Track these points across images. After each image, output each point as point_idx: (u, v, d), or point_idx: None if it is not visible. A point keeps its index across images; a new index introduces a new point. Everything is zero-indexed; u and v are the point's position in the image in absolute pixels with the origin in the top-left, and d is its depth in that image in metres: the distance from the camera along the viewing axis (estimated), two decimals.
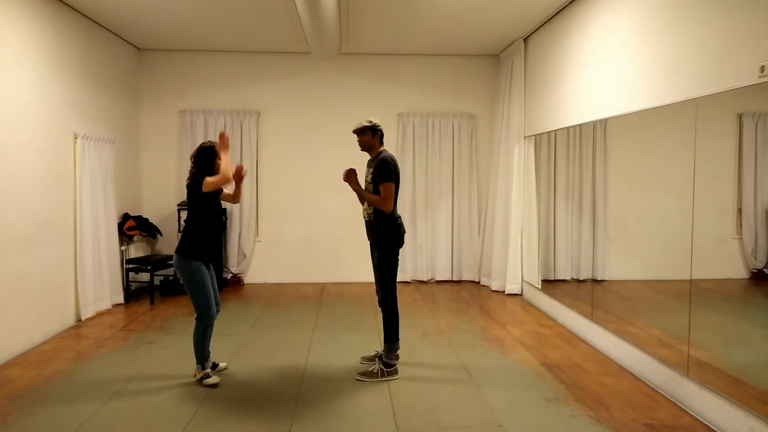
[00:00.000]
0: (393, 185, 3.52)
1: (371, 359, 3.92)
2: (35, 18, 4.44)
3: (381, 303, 3.69)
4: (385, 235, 3.62)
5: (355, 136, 3.70)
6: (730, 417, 2.83)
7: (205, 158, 3.46)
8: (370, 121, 3.60)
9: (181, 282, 6.18)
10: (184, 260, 3.46)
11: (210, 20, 5.43)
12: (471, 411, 3.17)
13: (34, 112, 4.43)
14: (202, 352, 3.55)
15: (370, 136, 3.62)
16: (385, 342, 3.70)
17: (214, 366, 3.73)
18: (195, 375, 3.60)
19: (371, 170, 3.62)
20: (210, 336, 3.57)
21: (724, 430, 2.87)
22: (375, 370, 3.66)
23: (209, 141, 3.55)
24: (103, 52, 5.66)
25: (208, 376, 3.56)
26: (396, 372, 3.68)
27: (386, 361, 3.68)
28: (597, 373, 3.75)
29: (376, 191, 3.56)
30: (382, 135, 3.67)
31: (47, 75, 4.62)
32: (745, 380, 2.95)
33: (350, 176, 3.66)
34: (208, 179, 3.38)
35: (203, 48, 6.56)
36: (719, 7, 2.97)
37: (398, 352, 3.76)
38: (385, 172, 3.51)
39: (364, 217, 3.73)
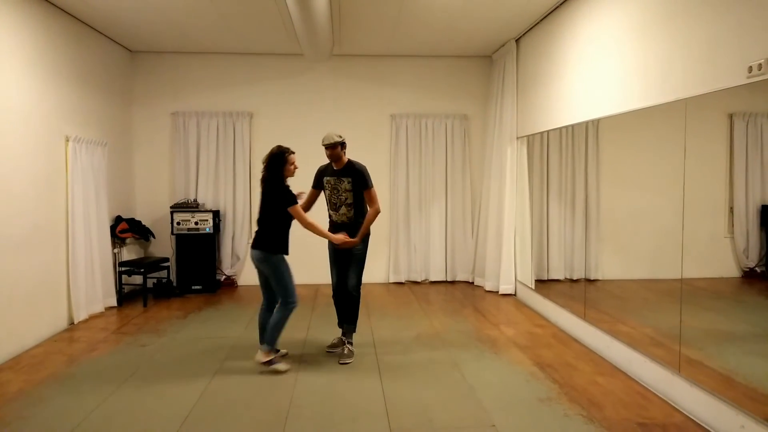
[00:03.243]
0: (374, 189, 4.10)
1: (336, 346, 4.28)
2: (26, 20, 4.42)
3: (354, 290, 4.10)
4: (367, 231, 4.12)
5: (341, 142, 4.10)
6: (721, 415, 2.85)
7: (277, 163, 3.76)
8: (339, 137, 4.08)
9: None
10: (269, 255, 3.76)
11: (202, 22, 5.42)
12: (464, 411, 3.18)
13: (25, 114, 4.40)
14: (277, 336, 3.80)
15: (339, 149, 4.07)
16: (352, 324, 4.18)
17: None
18: (259, 358, 3.78)
19: (349, 179, 4.06)
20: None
21: (716, 428, 2.88)
22: (348, 351, 4.08)
23: (278, 146, 3.84)
24: (95, 55, 5.63)
25: (274, 361, 3.79)
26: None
27: (351, 341, 4.16)
28: (590, 373, 3.77)
29: (358, 196, 4.08)
30: (345, 146, 4.17)
31: (38, 77, 4.59)
32: (736, 378, 2.97)
33: (346, 243, 4.02)
34: (299, 210, 3.77)
35: (195, 50, 6.54)
36: (708, 8, 3.00)
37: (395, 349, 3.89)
38: (367, 180, 4.07)
39: (342, 221, 4.13)
